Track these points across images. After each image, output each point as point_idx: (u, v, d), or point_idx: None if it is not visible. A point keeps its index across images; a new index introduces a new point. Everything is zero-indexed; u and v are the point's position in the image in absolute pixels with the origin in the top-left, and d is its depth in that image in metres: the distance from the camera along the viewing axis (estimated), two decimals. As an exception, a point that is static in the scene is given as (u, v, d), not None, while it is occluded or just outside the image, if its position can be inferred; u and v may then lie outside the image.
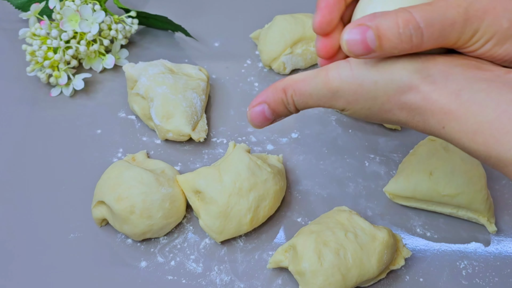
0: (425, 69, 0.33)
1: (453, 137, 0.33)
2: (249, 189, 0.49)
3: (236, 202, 0.48)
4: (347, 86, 0.35)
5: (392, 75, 0.34)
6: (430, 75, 0.33)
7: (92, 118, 0.61)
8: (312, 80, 0.36)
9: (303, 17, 0.65)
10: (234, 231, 0.49)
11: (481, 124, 0.31)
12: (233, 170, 0.49)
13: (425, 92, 0.33)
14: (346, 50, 0.33)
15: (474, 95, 0.31)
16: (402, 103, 0.34)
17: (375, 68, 0.34)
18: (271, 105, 0.39)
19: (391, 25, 0.32)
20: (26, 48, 0.61)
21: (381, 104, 0.35)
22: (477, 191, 0.49)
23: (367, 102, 0.35)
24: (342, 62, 0.36)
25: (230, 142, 0.54)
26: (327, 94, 0.36)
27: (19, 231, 0.52)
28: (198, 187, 0.50)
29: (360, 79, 0.35)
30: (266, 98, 0.39)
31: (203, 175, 0.50)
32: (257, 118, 0.39)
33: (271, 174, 0.50)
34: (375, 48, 0.32)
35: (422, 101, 0.33)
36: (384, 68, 0.34)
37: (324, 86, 0.36)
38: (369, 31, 0.32)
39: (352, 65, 0.35)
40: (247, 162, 0.50)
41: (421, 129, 0.35)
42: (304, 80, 0.37)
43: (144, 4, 0.75)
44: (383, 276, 0.48)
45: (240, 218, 0.49)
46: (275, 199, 0.51)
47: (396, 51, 0.33)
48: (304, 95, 0.37)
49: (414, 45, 0.32)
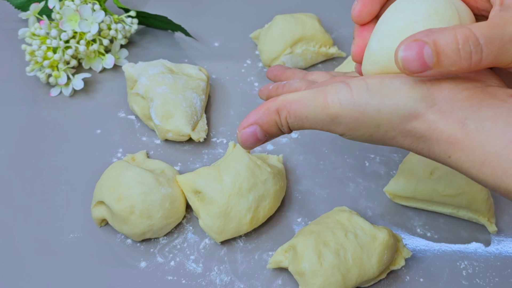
0: (430, 97, 0.32)
1: (460, 166, 0.32)
2: (249, 189, 0.49)
3: (236, 202, 0.48)
4: (347, 113, 0.34)
5: (397, 103, 0.33)
6: (436, 103, 0.32)
7: (92, 118, 0.61)
8: (309, 103, 0.35)
9: (303, 17, 0.65)
10: (234, 231, 0.49)
11: (489, 154, 0.30)
12: (233, 170, 0.49)
13: (431, 121, 0.32)
14: (401, 67, 0.31)
15: (480, 124, 0.30)
16: (407, 131, 0.33)
17: (378, 95, 0.33)
18: (263, 127, 0.37)
19: (449, 41, 0.30)
20: (26, 48, 0.61)
21: (385, 131, 0.34)
22: (477, 191, 0.49)
23: (369, 129, 0.34)
24: (342, 85, 0.34)
25: (230, 142, 0.54)
26: (325, 119, 0.35)
27: (19, 231, 0.52)
28: (198, 187, 0.50)
29: (363, 106, 0.33)
30: (257, 119, 0.37)
31: (203, 175, 0.50)
32: (248, 139, 0.38)
33: (271, 174, 0.50)
34: (432, 65, 0.30)
35: (428, 130, 0.32)
36: (388, 95, 0.33)
37: (322, 110, 0.34)
38: (426, 47, 0.30)
39: (353, 90, 0.34)
40: (247, 162, 0.50)
41: (425, 155, 0.34)
42: (300, 102, 0.35)
43: (144, 4, 0.75)
44: (383, 276, 0.48)
45: (240, 218, 0.49)
46: (275, 199, 0.51)
47: (454, 69, 0.31)
48: (300, 117, 0.35)
49: (473, 62, 0.30)
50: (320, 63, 0.67)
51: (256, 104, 0.62)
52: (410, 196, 0.51)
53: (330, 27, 0.71)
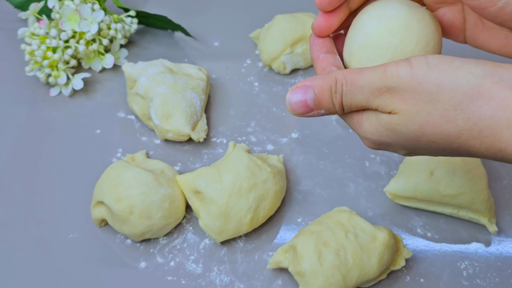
0: (495, 73, 0.30)
1: None
2: (249, 189, 0.49)
3: (236, 202, 0.48)
4: (405, 84, 0.32)
5: (457, 78, 0.30)
6: (503, 79, 0.29)
7: (92, 118, 0.61)
8: (368, 73, 0.33)
9: (303, 16, 0.65)
10: (234, 232, 0.49)
11: None
12: (232, 170, 0.49)
13: (500, 98, 0.29)
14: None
15: None
16: (471, 112, 0.30)
17: (437, 69, 0.31)
18: (315, 89, 0.35)
19: None
20: (25, 47, 0.61)
21: (444, 110, 0.31)
22: (478, 191, 0.49)
23: (426, 106, 0.31)
24: (403, 61, 0.33)
25: (230, 142, 0.54)
26: (382, 88, 0.33)
27: (18, 231, 0.52)
28: (198, 187, 0.49)
29: (420, 78, 0.31)
30: (312, 81, 0.35)
31: (202, 175, 0.50)
32: (297, 101, 0.36)
33: (271, 174, 0.50)
34: None
35: (497, 109, 0.29)
36: (448, 70, 0.31)
37: (379, 80, 0.33)
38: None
39: (413, 64, 0.32)
40: (246, 162, 0.50)
41: (485, 146, 0.31)
42: (359, 72, 0.34)
43: (143, 4, 0.75)
44: (383, 276, 0.47)
45: (240, 218, 0.48)
46: (275, 200, 0.51)
47: None
48: (356, 86, 0.34)
49: None
50: (320, 63, 0.67)
51: (256, 104, 0.62)
52: (411, 196, 0.51)
53: (330, 26, 0.71)
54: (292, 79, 0.65)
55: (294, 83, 0.64)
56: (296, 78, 0.65)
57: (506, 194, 0.54)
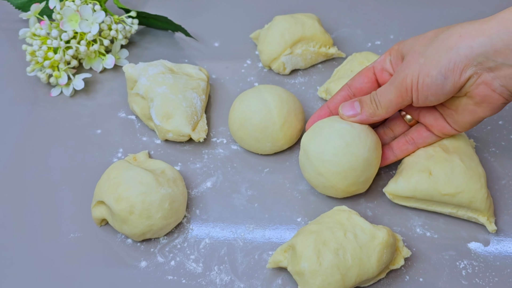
0: None
1: None
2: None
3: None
4: None
5: None
6: None
7: (92, 118, 0.61)
8: None
9: (303, 17, 0.65)
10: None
11: None
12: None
13: None
14: None
15: None
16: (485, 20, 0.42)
17: None
18: None
19: None
20: (26, 48, 0.61)
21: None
22: (477, 190, 0.49)
23: None
24: None
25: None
26: None
27: (19, 231, 0.52)
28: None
29: None
30: None
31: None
32: (345, 105, 0.51)
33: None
34: None
35: None
36: None
37: None
38: None
39: None
40: None
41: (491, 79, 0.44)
42: None
43: (144, 4, 0.75)
44: (382, 276, 0.48)
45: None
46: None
47: None
48: None
49: None
50: (320, 63, 0.67)
51: (256, 104, 0.62)
52: (410, 196, 0.51)
53: (330, 27, 0.71)
54: (292, 79, 0.65)
55: (293, 83, 0.65)
56: (296, 79, 0.65)
57: (505, 194, 0.54)
